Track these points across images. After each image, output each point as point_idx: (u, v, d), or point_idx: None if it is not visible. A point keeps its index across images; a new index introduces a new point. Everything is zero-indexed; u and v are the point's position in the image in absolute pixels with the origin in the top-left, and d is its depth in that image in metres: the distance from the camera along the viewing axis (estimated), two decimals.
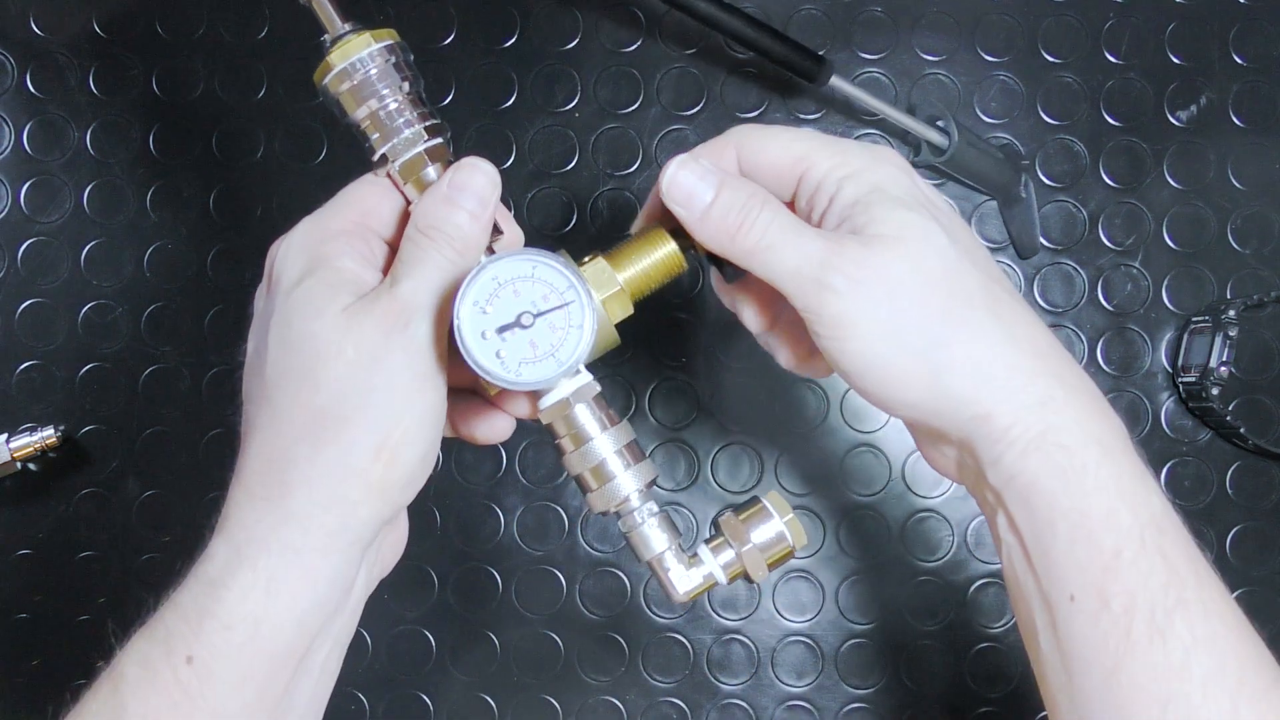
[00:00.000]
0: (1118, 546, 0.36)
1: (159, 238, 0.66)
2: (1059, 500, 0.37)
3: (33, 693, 0.65)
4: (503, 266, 0.39)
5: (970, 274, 0.38)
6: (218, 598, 0.37)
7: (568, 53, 0.65)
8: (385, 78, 0.40)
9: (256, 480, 0.39)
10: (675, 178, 0.40)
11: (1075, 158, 0.64)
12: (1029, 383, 0.37)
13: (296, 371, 0.38)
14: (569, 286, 0.39)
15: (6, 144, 0.66)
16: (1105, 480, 0.37)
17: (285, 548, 0.37)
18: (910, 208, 0.38)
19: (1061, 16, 0.65)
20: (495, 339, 0.38)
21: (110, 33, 0.66)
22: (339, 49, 0.40)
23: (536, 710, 0.65)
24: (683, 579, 0.41)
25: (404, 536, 0.44)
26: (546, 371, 0.38)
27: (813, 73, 0.60)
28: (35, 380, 0.66)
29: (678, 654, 0.64)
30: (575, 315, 0.39)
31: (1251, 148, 0.64)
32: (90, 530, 0.65)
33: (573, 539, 0.65)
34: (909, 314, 0.37)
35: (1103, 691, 0.36)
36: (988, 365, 0.38)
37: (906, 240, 0.38)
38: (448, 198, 0.39)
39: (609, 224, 0.65)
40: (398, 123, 0.40)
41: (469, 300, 0.38)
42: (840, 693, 0.64)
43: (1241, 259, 0.64)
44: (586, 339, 0.39)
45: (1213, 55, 0.64)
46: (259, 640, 0.37)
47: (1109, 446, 0.37)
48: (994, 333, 0.38)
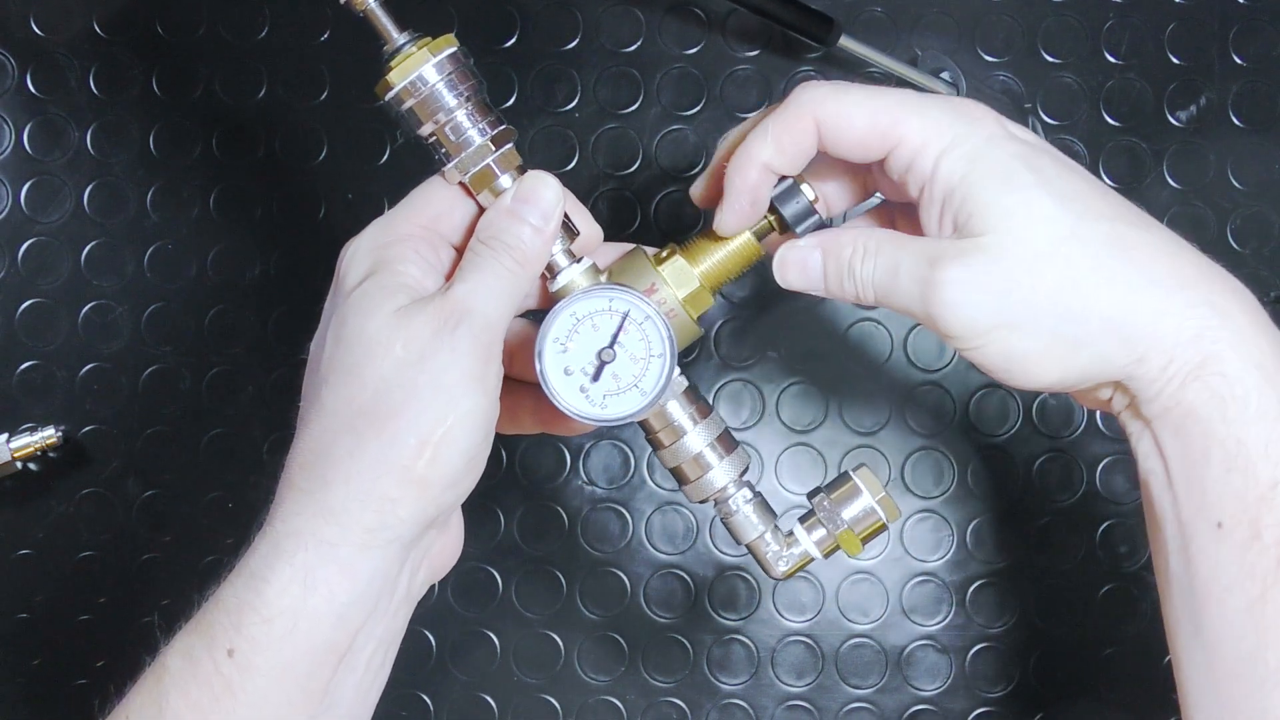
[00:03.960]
0: (1275, 478, 0.35)
1: (159, 238, 0.66)
2: (1215, 428, 0.36)
3: (33, 693, 0.65)
4: (580, 304, 0.40)
5: (1090, 228, 0.37)
6: (257, 591, 0.37)
7: (568, 53, 0.65)
8: (448, 90, 0.39)
9: (300, 474, 0.39)
10: (784, 276, 0.41)
11: (1075, 158, 0.64)
12: (1181, 320, 0.36)
13: (346, 368, 0.38)
14: (645, 318, 0.40)
15: (6, 144, 0.66)
16: (1267, 408, 0.36)
17: (322, 542, 0.37)
18: (1009, 183, 0.37)
19: (1061, 16, 0.65)
20: (579, 375, 0.40)
21: (110, 33, 0.66)
22: (399, 65, 0.39)
23: (536, 710, 0.65)
24: (780, 559, 0.43)
25: (458, 542, 0.44)
26: (631, 404, 0.40)
27: (822, 34, 0.61)
28: (35, 380, 0.66)
29: (678, 654, 0.64)
30: (656, 345, 0.40)
31: (1251, 148, 0.64)
32: (90, 530, 0.65)
33: (573, 539, 0.65)
34: (1033, 300, 0.37)
35: (1244, 617, 0.36)
36: (1131, 318, 0.37)
37: (1011, 229, 0.37)
38: (512, 211, 0.40)
39: (610, 224, 0.65)
40: (465, 134, 0.40)
41: (550, 338, 0.39)
42: (840, 693, 0.64)
43: (1241, 259, 0.64)
44: (668, 366, 0.40)
45: (1213, 55, 0.64)
46: (298, 634, 0.37)
47: (1270, 371, 0.36)
48: (1131, 279, 0.37)
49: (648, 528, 0.64)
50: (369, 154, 0.66)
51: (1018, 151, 0.38)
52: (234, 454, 0.65)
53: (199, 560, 0.65)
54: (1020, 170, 0.37)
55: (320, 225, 0.65)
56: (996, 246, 0.37)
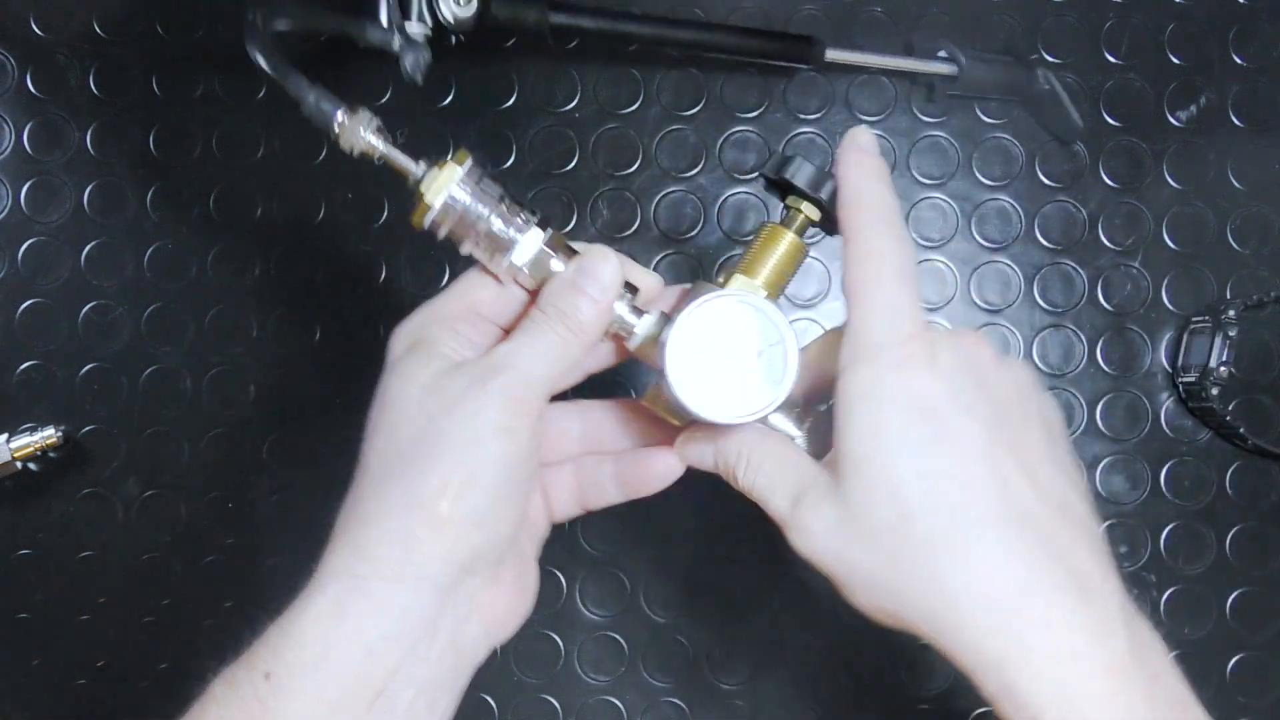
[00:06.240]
0: None
1: (159, 238, 0.66)
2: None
3: (33, 693, 0.65)
4: (704, 308, 0.41)
5: (926, 519, 0.37)
6: (293, 619, 0.39)
7: (568, 53, 0.65)
8: (479, 202, 0.41)
9: (340, 526, 0.41)
10: (683, 457, 0.44)
11: (1075, 158, 0.65)
12: (981, 642, 0.37)
13: (384, 427, 0.40)
14: (771, 326, 0.41)
15: (6, 144, 0.66)
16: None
17: (354, 576, 0.39)
18: (879, 442, 0.38)
19: (1061, 16, 0.65)
20: (705, 376, 0.41)
21: (110, 33, 0.66)
22: (425, 192, 0.41)
23: (536, 710, 0.65)
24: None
25: (521, 602, 0.45)
26: (762, 401, 0.41)
27: (808, 56, 0.61)
28: (35, 380, 0.66)
29: (678, 654, 0.64)
30: (778, 356, 0.41)
31: (1251, 148, 0.64)
32: (90, 530, 0.65)
33: (573, 539, 0.65)
34: (862, 565, 0.38)
35: None
36: (938, 624, 0.37)
37: (862, 486, 0.38)
38: (573, 284, 0.42)
39: (609, 224, 0.65)
40: (509, 235, 0.42)
41: (675, 340, 0.41)
42: (840, 693, 0.64)
43: (1241, 259, 0.64)
44: (790, 376, 0.41)
45: (1213, 55, 0.64)
46: (329, 663, 0.38)
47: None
48: (946, 586, 0.37)
49: (649, 527, 0.64)
50: None
51: (909, 400, 0.38)
52: (234, 454, 0.65)
53: (199, 561, 0.65)
54: (894, 430, 0.38)
55: (320, 225, 0.65)
56: (846, 498, 0.38)
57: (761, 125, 0.65)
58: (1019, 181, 0.64)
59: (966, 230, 0.64)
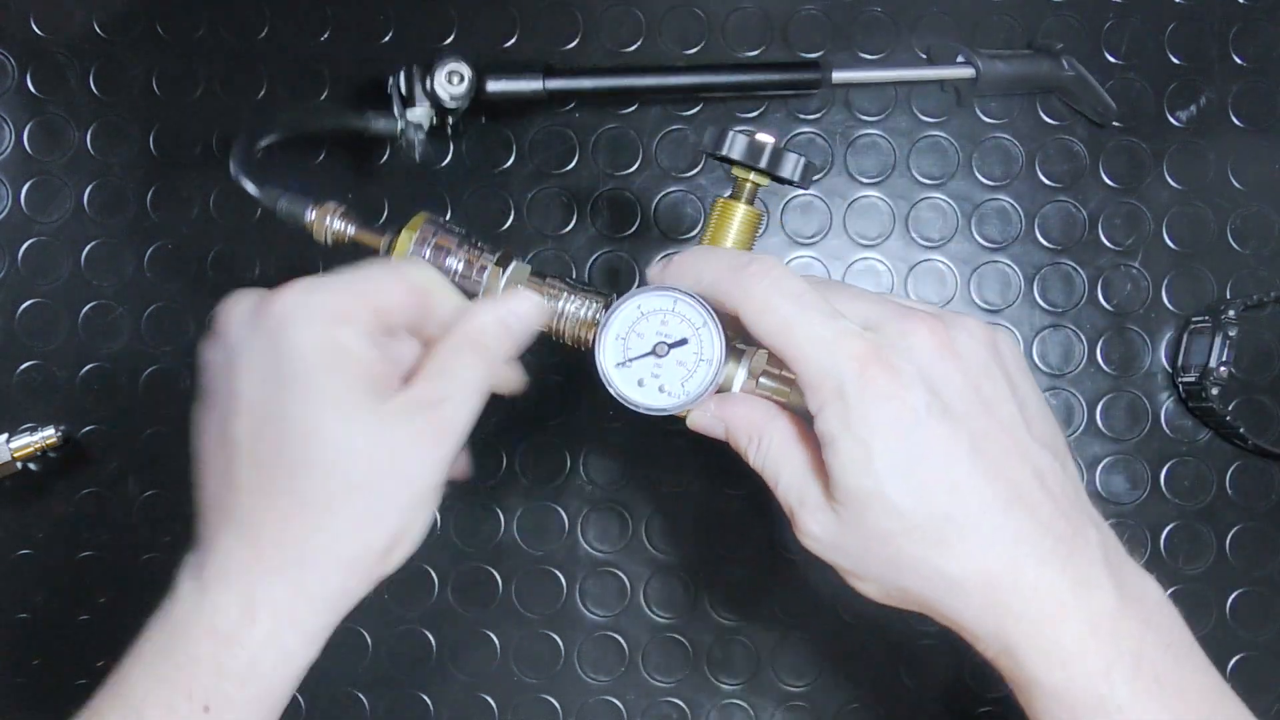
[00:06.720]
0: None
1: (159, 238, 0.66)
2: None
3: (33, 693, 0.65)
4: (645, 299, 0.44)
5: (922, 526, 0.39)
6: (233, 655, 0.40)
7: (568, 53, 0.65)
8: (438, 257, 0.47)
9: (246, 537, 0.41)
10: (693, 424, 0.46)
11: (1075, 158, 0.65)
12: (979, 617, 0.40)
13: (305, 456, 0.40)
14: (703, 323, 0.43)
15: (6, 144, 0.66)
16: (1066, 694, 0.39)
17: (292, 614, 0.41)
18: (867, 466, 0.39)
19: (1061, 16, 0.65)
20: (634, 368, 0.44)
21: (110, 33, 0.66)
22: (393, 255, 0.46)
23: (536, 710, 0.65)
24: None
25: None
26: (686, 394, 0.44)
27: (814, 81, 0.62)
28: (35, 380, 0.66)
29: (678, 654, 0.64)
30: (707, 348, 0.43)
31: (1251, 148, 0.64)
32: (90, 530, 0.65)
33: (573, 539, 0.65)
34: (868, 565, 0.41)
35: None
36: (938, 608, 0.41)
37: (854, 508, 0.40)
38: (507, 324, 0.44)
39: (609, 224, 0.65)
40: (474, 274, 0.47)
41: (611, 332, 0.44)
42: (841, 693, 0.64)
43: (1241, 259, 0.64)
44: (713, 371, 0.43)
45: (1213, 55, 0.64)
46: (270, 698, 0.41)
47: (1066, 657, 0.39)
48: (943, 575, 0.40)
49: (648, 528, 0.64)
50: (369, 154, 0.66)
51: (884, 425, 0.39)
52: None
53: None
54: (878, 457, 0.39)
55: None
56: (842, 515, 0.40)
57: (761, 125, 0.65)
58: (1019, 181, 0.64)
59: (966, 230, 0.64)
